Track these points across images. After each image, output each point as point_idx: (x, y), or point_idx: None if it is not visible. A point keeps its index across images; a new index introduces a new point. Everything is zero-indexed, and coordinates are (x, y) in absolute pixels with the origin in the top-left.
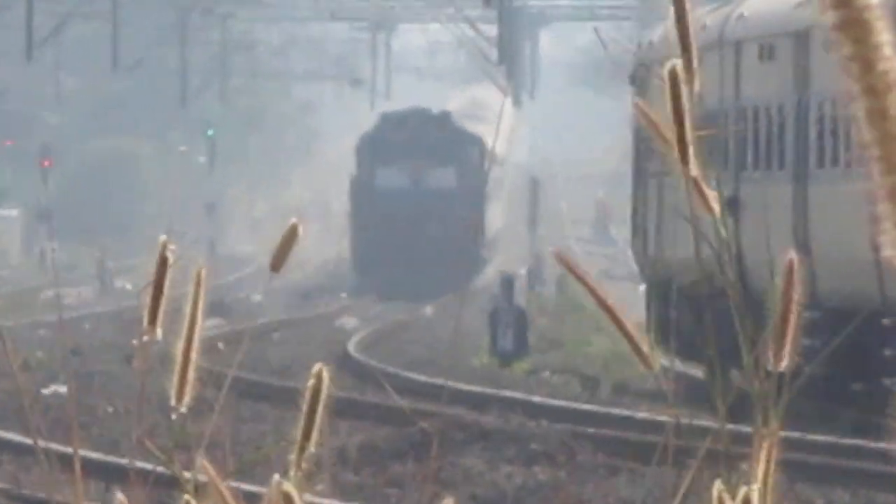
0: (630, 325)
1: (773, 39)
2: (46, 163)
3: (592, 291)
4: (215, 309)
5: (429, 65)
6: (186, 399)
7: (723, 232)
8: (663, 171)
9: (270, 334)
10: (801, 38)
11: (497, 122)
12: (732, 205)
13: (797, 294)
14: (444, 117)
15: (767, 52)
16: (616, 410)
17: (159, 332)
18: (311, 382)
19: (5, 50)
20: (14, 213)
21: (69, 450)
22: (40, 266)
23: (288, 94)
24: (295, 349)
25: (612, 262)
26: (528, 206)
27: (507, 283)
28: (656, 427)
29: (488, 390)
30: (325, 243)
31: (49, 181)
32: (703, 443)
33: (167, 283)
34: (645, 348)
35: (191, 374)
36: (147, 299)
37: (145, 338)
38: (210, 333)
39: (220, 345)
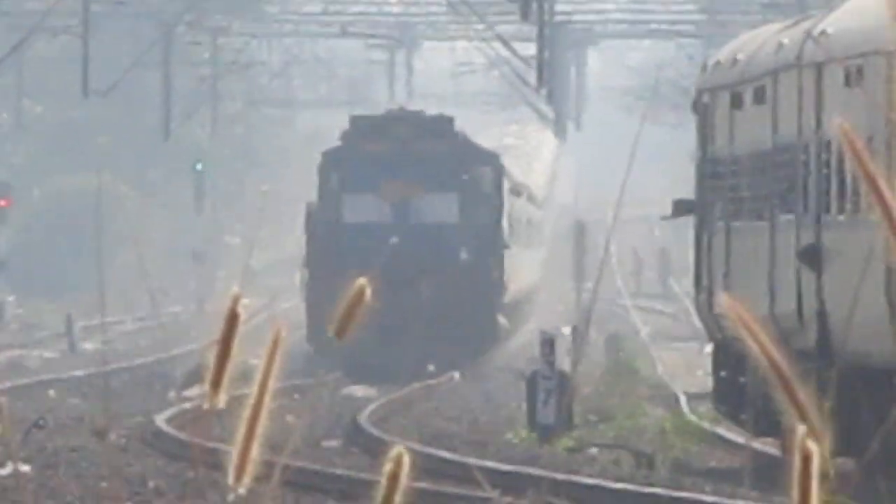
0: (802, 395)
1: (862, 61)
2: (3, 203)
3: (766, 352)
4: (199, 377)
5: (456, 89)
6: (247, 479)
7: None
8: (732, 213)
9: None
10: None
11: (535, 154)
12: (813, 254)
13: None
14: (444, 123)
15: (855, 76)
16: (676, 493)
17: (223, 398)
18: (387, 468)
19: None
20: None
21: None
22: None
23: (290, 123)
24: (297, 421)
25: (672, 320)
26: (572, 254)
27: (548, 343)
28: None
29: (525, 470)
30: None
31: (6, 224)
32: None
33: (234, 345)
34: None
35: (255, 451)
36: (211, 360)
37: (206, 405)
38: (198, 403)
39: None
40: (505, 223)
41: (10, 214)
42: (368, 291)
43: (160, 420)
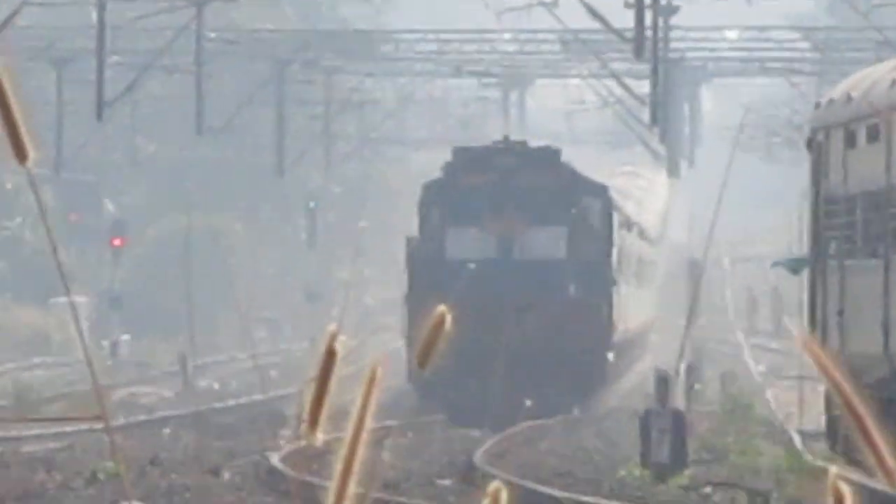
0: (878, 435)
1: None
2: (118, 241)
3: (842, 391)
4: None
5: (569, 127)
6: None
7: None
8: (846, 252)
9: (381, 442)
10: None
11: (648, 191)
12: None
13: None
14: (550, 154)
15: None
16: None
17: (321, 436)
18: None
19: (73, 109)
20: (82, 299)
21: None
22: (111, 361)
23: (404, 162)
24: (408, 460)
25: (786, 358)
26: (686, 293)
27: (663, 381)
28: None
29: None
30: None
31: (121, 262)
32: None
33: (331, 381)
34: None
35: (351, 489)
36: (307, 398)
37: (303, 442)
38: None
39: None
40: (615, 258)
41: (125, 253)
42: (449, 318)
43: (274, 458)
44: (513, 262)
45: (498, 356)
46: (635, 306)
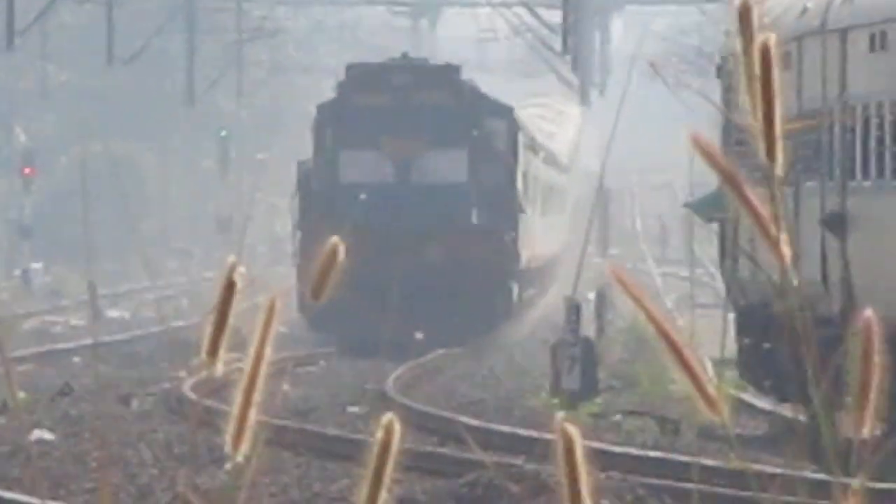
0: (693, 359)
1: (887, 26)
2: (28, 170)
3: (650, 315)
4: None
5: (480, 56)
6: (244, 447)
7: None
8: (758, 179)
9: (293, 371)
10: None
11: (558, 122)
12: (838, 221)
13: (879, 356)
14: (451, 72)
15: (880, 41)
16: (701, 460)
17: (220, 365)
18: (379, 435)
19: None
20: None
21: None
22: (22, 290)
23: (315, 89)
24: (322, 389)
25: (696, 286)
26: (597, 222)
27: (573, 310)
28: (747, 478)
29: (550, 436)
30: None
31: (32, 192)
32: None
33: (229, 312)
34: (710, 388)
35: (251, 419)
36: (207, 327)
37: (203, 372)
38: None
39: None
40: (520, 184)
41: (35, 182)
42: (342, 249)
43: (185, 387)
44: (410, 187)
45: (394, 286)
46: (543, 235)
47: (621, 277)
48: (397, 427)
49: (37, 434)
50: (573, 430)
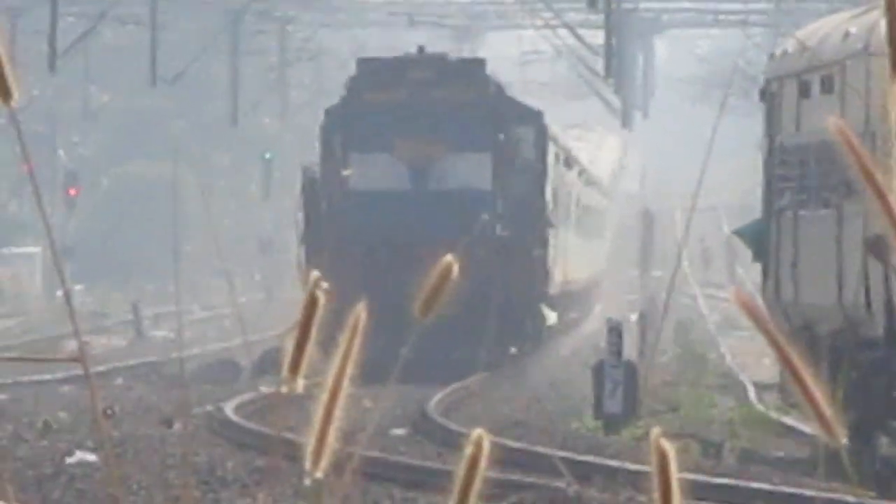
0: (814, 386)
1: None
2: (72, 191)
3: (771, 339)
4: (268, 364)
5: (522, 78)
6: (324, 463)
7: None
8: (800, 202)
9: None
10: None
11: (599, 146)
12: (880, 244)
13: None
14: (474, 67)
15: None
16: (744, 482)
17: (301, 382)
18: (468, 451)
19: (25, 60)
20: (35, 250)
21: None
22: (64, 311)
23: None
24: (362, 410)
25: (741, 309)
26: (639, 244)
27: (615, 332)
28: (788, 501)
29: (591, 459)
30: None
31: (75, 213)
32: None
33: (313, 328)
34: (828, 412)
35: (331, 435)
36: (289, 344)
37: (284, 389)
38: (268, 392)
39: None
40: (549, 196)
41: (78, 203)
42: (455, 269)
43: (228, 409)
44: (427, 194)
45: (408, 306)
46: (579, 257)
47: (743, 300)
48: (486, 442)
49: (78, 455)
50: (667, 447)
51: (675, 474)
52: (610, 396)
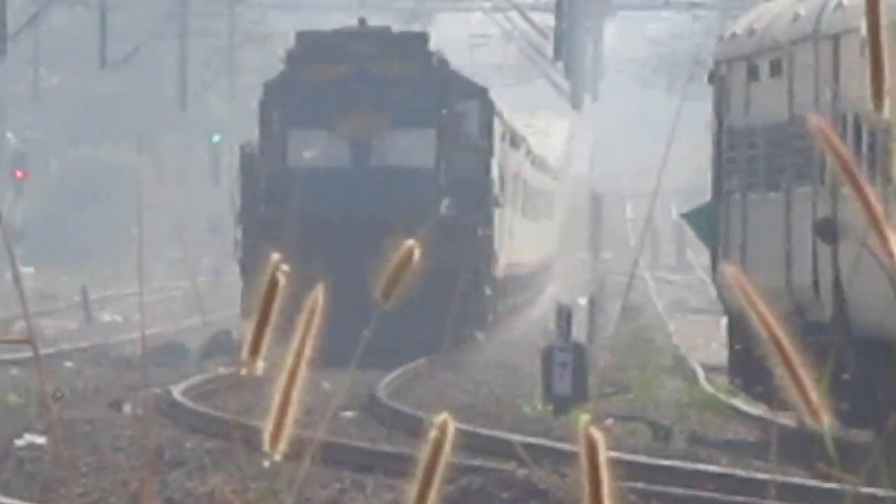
0: (802, 371)
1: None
2: (20, 174)
3: (765, 322)
4: (215, 347)
5: (472, 61)
6: (282, 445)
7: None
8: (749, 185)
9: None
10: None
11: (547, 130)
12: (829, 227)
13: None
14: (418, 42)
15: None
16: (692, 465)
17: (261, 364)
18: (433, 434)
19: None
20: None
21: None
22: (12, 294)
23: None
24: (313, 393)
25: (689, 291)
26: (588, 227)
27: (564, 315)
28: (739, 484)
29: (541, 441)
30: None
31: (24, 196)
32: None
33: (273, 310)
34: (815, 398)
35: (290, 417)
36: (250, 327)
37: (243, 371)
38: (210, 376)
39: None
40: (495, 174)
41: (26, 186)
42: (416, 253)
43: (177, 392)
44: (369, 171)
45: (348, 286)
46: (527, 239)
47: (739, 282)
48: (451, 427)
49: (27, 438)
50: (597, 436)
51: (604, 463)
52: (559, 379)
